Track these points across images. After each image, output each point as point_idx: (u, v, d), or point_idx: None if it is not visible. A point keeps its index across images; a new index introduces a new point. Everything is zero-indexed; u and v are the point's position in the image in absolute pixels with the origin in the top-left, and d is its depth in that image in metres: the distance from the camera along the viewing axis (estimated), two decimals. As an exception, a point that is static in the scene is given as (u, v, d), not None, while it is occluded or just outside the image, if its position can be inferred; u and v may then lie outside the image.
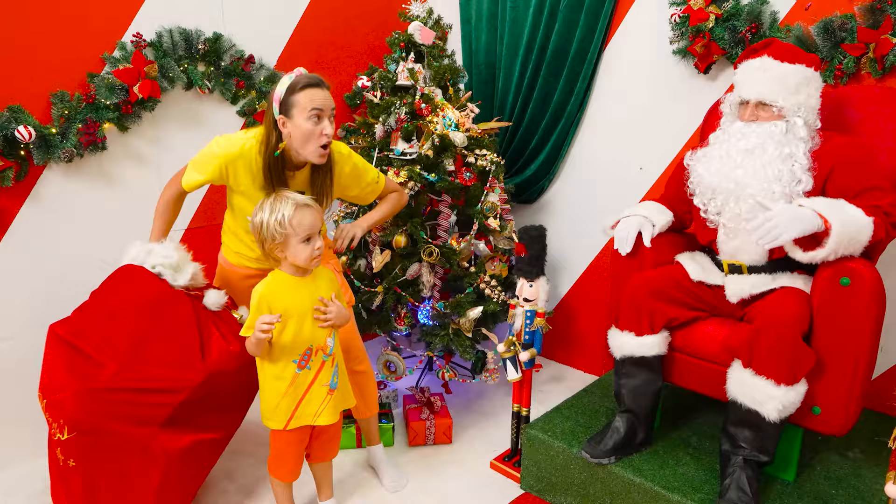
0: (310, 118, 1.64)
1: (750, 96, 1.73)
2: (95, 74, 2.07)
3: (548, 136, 2.69)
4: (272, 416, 1.69)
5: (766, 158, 1.68)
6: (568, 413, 2.10)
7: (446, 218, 2.33)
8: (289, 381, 1.66)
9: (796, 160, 1.66)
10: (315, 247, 1.63)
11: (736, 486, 1.62)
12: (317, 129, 1.66)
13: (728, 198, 1.74)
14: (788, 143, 1.68)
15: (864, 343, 1.55)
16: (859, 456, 1.88)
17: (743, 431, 1.66)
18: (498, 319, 2.42)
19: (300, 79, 1.66)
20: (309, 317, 1.65)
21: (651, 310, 1.78)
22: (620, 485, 1.79)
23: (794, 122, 1.69)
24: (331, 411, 1.71)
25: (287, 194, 1.63)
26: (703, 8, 2.13)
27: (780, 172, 1.66)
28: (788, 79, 1.68)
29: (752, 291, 1.75)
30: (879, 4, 1.85)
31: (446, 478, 2.12)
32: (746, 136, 1.72)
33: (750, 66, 1.74)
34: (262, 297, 1.63)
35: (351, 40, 2.76)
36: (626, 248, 1.88)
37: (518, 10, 2.64)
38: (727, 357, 1.70)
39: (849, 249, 1.54)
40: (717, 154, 1.77)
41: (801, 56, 1.71)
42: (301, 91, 1.64)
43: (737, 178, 1.71)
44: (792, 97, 1.68)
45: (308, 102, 1.63)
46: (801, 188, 1.66)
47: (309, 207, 1.62)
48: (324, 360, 1.68)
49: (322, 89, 1.67)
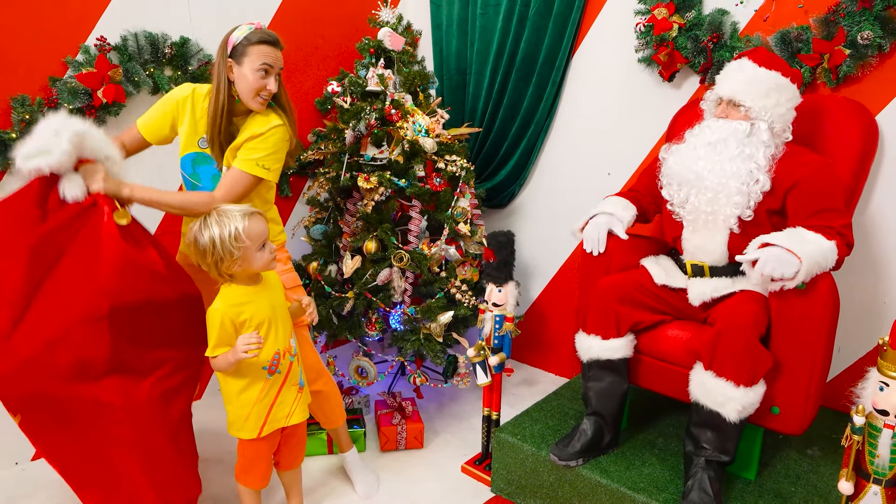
0: (257, 71, 1.69)
1: (722, 93, 1.80)
2: (58, 78, 2.03)
3: (518, 142, 2.72)
4: (243, 426, 1.67)
5: (726, 154, 1.73)
6: (537, 416, 2.12)
7: (417, 223, 2.34)
8: (259, 389, 1.64)
9: (755, 161, 1.72)
10: (270, 250, 1.62)
11: (698, 486, 1.66)
12: (262, 83, 1.70)
13: (690, 189, 1.79)
14: (750, 145, 1.73)
15: (820, 345, 1.61)
16: (818, 454, 1.94)
17: (705, 432, 1.69)
18: (469, 324, 2.43)
19: (258, 32, 1.70)
20: (271, 323, 1.64)
21: (617, 313, 1.81)
22: (588, 486, 1.82)
23: (758, 126, 1.74)
24: (302, 409, 1.74)
25: (226, 207, 1.59)
26: (667, 18, 2.18)
27: (738, 170, 1.71)
28: (760, 83, 1.73)
29: (713, 294, 1.79)
30: (833, 17, 1.91)
31: (417, 482, 2.13)
32: (712, 130, 1.78)
33: (730, 66, 1.81)
34: (223, 314, 1.58)
35: (321, 45, 2.75)
36: (598, 249, 1.93)
37: (488, 16, 2.67)
38: (690, 359, 1.74)
39: (821, 270, 1.58)
40: (685, 146, 1.84)
41: (780, 64, 1.76)
42: (256, 45, 1.68)
43: (697, 169, 1.76)
44: (760, 100, 1.73)
45: (259, 57, 1.68)
46: (759, 188, 1.72)
47: (256, 214, 1.60)
48: (291, 361, 1.69)
49: (276, 48, 1.71)
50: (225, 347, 1.59)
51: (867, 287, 2.05)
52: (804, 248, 1.55)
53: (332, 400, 2.00)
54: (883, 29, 1.84)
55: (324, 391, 1.96)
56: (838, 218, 1.66)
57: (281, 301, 1.72)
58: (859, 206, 1.98)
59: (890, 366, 1.32)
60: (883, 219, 2.00)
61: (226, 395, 1.68)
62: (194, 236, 1.56)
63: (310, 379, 1.89)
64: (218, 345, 1.59)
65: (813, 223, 1.63)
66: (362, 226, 2.33)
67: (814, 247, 1.56)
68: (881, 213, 2.00)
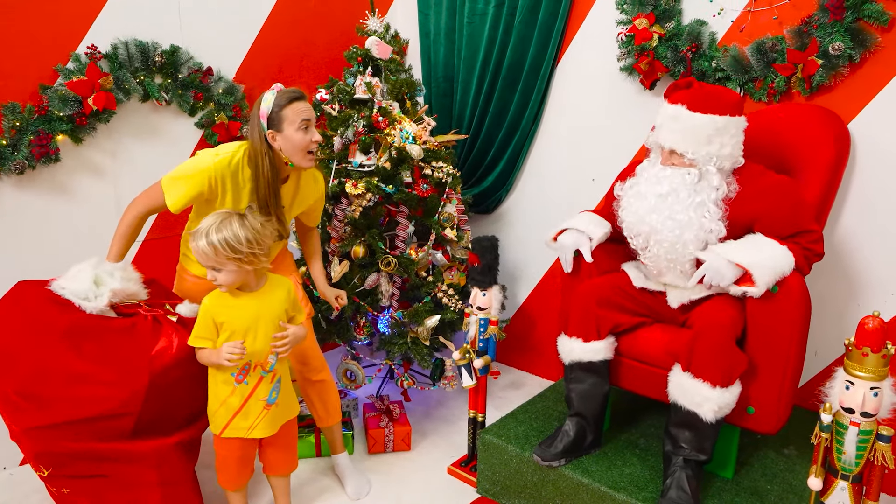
0: (299, 129, 1.74)
1: (664, 144, 1.76)
2: (48, 86, 2.06)
3: (504, 148, 2.77)
4: (212, 419, 1.73)
5: (678, 206, 1.72)
6: (522, 418, 2.16)
7: (404, 228, 2.38)
8: (228, 392, 1.68)
9: (707, 210, 1.71)
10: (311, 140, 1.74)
11: (676, 485, 1.70)
12: (307, 137, 1.76)
13: (647, 239, 1.80)
14: (700, 192, 1.72)
15: (793, 346, 1.66)
16: (794, 453, 1.99)
17: (683, 432, 1.74)
18: (456, 328, 2.47)
19: (284, 93, 1.75)
20: (247, 334, 1.65)
21: (598, 316, 1.86)
22: (570, 486, 1.86)
23: (706, 170, 1.72)
24: (266, 424, 1.72)
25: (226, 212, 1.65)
26: (647, 28, 2.24)
27: (690, 220, 1.71)
28: (699, 131, 1.69)
29: (691, 297, 1.84)
30: (806, 28, 1.97)
31: (404, 484, 2.16)
32: (660, 182, 1.76)
33: (666, 113, 1.75)
34: (208, 309, 1.65)
35: (310, 53, 2.79)
36: (567, 269, 1.98)
37: (475, 25, 2.72)
38: (669, 361, 1.79)
39: (779, 276, 1.63)
40: (635, 193, 1.83)
41: (715, 105, 1.70)
42: (288, 106, 1.73)
43: (651, 222, 1.76)
44: (703, 148, 1.70)
45: (296, 115, 1.74)
46: (714, 237, 1.72)
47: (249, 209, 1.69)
48: (262, 376, 1.69)
49: (305, 101, 1.78)
50: (205, 342, 1.64)
51: (841, 292, 2.10)
52: (756, 257, 1.60)
53: (333, 393, 2.08)
54: (853, 40, 1.90)
55: (327, 381, 2.05)
56: (808, 235, 1.70)
57: (272, 315, 1.69)
58: (833, 212, 2.04)
59: (855, 365, 1.37)
60: (857, 225, 2.06)
61: (210, 383, 1.73)
62: (225, 238, 1.57)
63: (315, 368, 1.98)
64: (198, 336, 1.64)
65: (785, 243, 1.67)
66: (350, 231, 2.37)
67: (766, 255, 1.61)
68: (854, 218, 2.06)
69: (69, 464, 1.63)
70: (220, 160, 1.74)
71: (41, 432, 1.59)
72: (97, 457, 1.64)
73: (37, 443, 1.60)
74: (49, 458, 1.61)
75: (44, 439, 1.59)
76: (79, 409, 1.59)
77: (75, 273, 1.72)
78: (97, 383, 1.61)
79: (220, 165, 1.74)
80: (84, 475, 1.66)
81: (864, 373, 1.35)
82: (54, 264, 2.14)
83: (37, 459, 1.62)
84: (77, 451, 1.61)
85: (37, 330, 1.62)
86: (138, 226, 1.82)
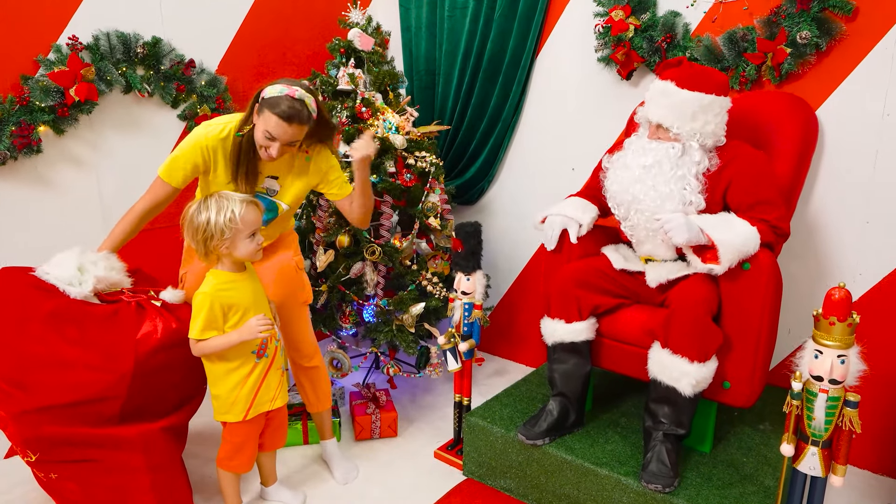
0: (263, 134, 1.73)
1: (652, 118, 1.85)
2: (29, 77, 2.06)
3: (486, 139, 2.81)
4: (229, 410, 1.73)
5: (661, 178, 1.80)
6: (507, 401, 2.20)
7: (388, 218, 2.41)
8: (246, 373, 1.71)
9: (687, 183, 1.79)
10: (258, 242, 1.69)
11: (657, 458, 1.76)
12: (265, 142, 1.73)
13: (629, 209, 1.88)
14: (682, 166, 1.80)
15: (764, 321, 1.72)
16: (769, 429, 2.06)
17: (662, 408, 1.79)
18: (440, 315, 2.50)
19: (284, 104, 1.69)
20: (258, 308, 1.71)
21: (578, 298, 1.91)
22: (554, 464, 1.91)
23: (689, 146, 1.81)
24: (283, 392, 1.82)
25: (228, 193, 1.68)
26: (623, 19, 2.30)
27: (671, 192, 1.79)
28: (685, 106, 1.77)
29: (668, 276, 1.89)
30: (775, 18, 2.05)
31: (392, 469, 2.19)
32: (646, 154, 1.85)
33: (656, 88, 1.84)
34: (212, 298, 1.65)
35: (292, 45, 2.81)
36: (551, 245, 2.03)
37: (455, 18, 2.76)
38: (648, 340, 1.84)
39: (743, 257, 1.69)
40: (622, 164, 1.91)
41: (703, 83, 1.78)
42: (275, 114, 1.68)
43: (634, 192, 1.84)
44: (688, 124, 1.78)
45: (271, 127, 1.69)
46: (693, 209, 1.79)
47: (253, 204, 1.69)
48: (276, 345, 1.76)
49: (291, 125, 1.70)
50: (213, 331, 1.66)
51: (812, 272, 2.18)
52: (726, 235, 1.67)
53: (325, 379, 2.11)
54: (819, 29, 1.98)
55: (320, 367, 2.08)
56: (773, 210, 1.76)
57: (261, 290, 1.79)
58: (803, 196, 2.11)
59: (823, 334, 1.43)
60: (825, 207, 2.13)
61: (211, 380, 1.74)
62: (191, 214, 1.64)
63: (307, 355, 2.02)
64: (206, 328, 1.64)
65: (751, 216, 1.74)
66: (335, 221, 2.39)
67: (734, 233, 1.68)
68: (823, 201, 2.13)
69: (57, 448, 1.64)
70: (211, 131, 1.77)
71: (28, 416, 1.59)
72: (85, 441, 1.65)
73: (24, 427, 1.60)
74: (36, 443, 1.62)
75: (31, 424, 1.60)
76: (65, 392, 1.60)
77: (60, 260, 1.73)
78: (83, 367, 1.62)
79: (212, 136, 1.77)
80: (72, 460, 1.66)
81: (832, 341, 1.42)
82: (35, 255, 2.14)
83: (24, 444, 1.62)
84: (64, 435, 1.62)
85: (21, 315, 1.63)
86: (139, 223, 1.84)
